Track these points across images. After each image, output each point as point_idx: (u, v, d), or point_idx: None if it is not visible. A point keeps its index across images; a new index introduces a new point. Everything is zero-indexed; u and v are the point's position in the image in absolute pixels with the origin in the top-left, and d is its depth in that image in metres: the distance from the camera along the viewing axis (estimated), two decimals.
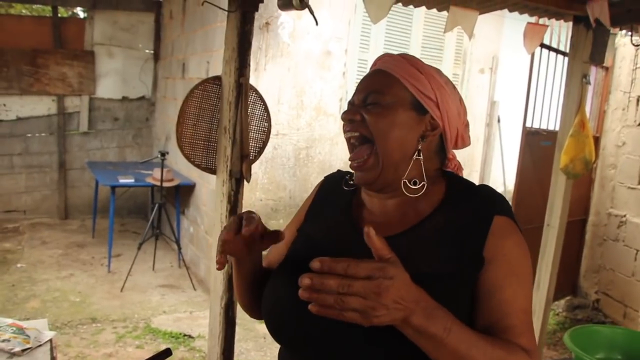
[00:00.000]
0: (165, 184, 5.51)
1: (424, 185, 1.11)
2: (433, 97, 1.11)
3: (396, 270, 0.83)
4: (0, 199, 7.01)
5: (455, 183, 1.15)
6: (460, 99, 1.17)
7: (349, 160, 1.15)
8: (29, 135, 7.05)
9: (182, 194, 6.00)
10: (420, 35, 5.75)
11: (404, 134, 1.09)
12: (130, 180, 5.74)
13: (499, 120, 6.58)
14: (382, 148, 1.09)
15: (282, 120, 4.86)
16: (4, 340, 2.20)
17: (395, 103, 1.10)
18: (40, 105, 7.03)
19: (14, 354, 2.13)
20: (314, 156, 5.11)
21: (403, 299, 0.83)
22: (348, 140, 1.15)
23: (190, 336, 4.21)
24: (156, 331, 4.25)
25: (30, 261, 5.69)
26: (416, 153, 1.10)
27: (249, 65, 2.28)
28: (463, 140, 1.19)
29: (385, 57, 1.17)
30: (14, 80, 6.76)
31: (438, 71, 1.16)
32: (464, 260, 1.02)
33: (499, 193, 1.11)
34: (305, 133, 5.03)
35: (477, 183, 1.15)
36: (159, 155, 5.27)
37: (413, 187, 1.11)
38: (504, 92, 6.53)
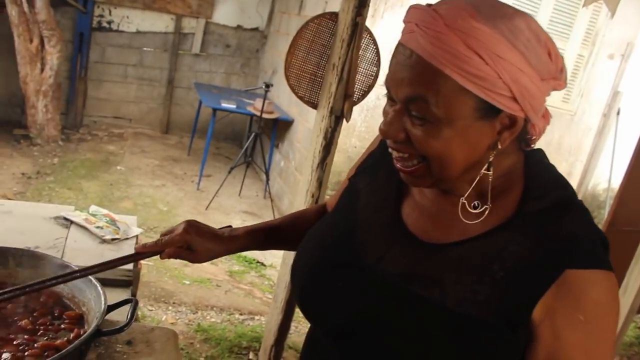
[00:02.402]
0: (265, 115, 5.61)
1: (485, 209, 0.86)
2: (507, 92, 0.78)
3: None
4: (111, 105, 7.40)
5: (537, 196, 0.86)
6: (550, 50, 0.81)
7: (393, 156, 0.89)
8: (145, 49, 7.33)
9: (280, 128, 6.09)
10: (550, 6, 5.41)
11: (467, 152, 0.82)
12: (232, 106, 5.88)
13: (618, 113, 6.16)
14: (439, 170, 0.84)
15: None
16: (98, 227, 2.36)
17: (452, 117, 0.79)
18: (159, 22, 7.27)
19: (104, 241, 2.28)
20: None
21: None
22: None
23: (262, 264, 4.34)
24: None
25: (129, 166, 6.02)
26: (485, 167, 0.84)
27: (368, 5, 2.23)
28: (555, 89, 0.86)
29: (421, 25, 0.79)
30: None
31: (508, 37, 0.77)
32: (506, 311, 0.82)
33: (590, 229, 0.84)
34: None
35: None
36: (263, 86, 5.35)
37: (473, 210, 0.87)
38: (631, 83, 6.06)
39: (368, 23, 2.40)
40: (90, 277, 1.14)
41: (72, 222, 2.35)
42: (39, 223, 2.30)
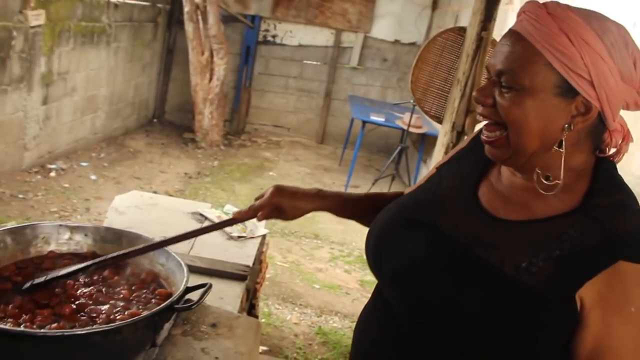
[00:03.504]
0: (412, 130, 5.64)
1: (557, 184, 0.93)
2: (586, 75, 0.87)
3: None
4: (271, 114, 7.90)
5: (601, 194, 0.93)
6: (636, 60, 0.91)
7: (483, 127, 1.01)
8: (306, 61, 7.74)
9: (428, 143, 6.07)
10: None
11: (543, 125, 0.91)
12: (380, 119, 5.99)
13: None
14: (514, 139, 0.93)
15: None
16: None
17: (535, 88, 0.89)
18: (320, 36, 7.63)
19: (231, 237, 2.48)
20: None
21: None
22: None
23: None
24: (366, 262, 4.49)
25: (281, 172, 6.38)
26: (557, 144, 0.92)
27: (495, 19, 2.19)
28: (638, 105, 0.94)
29: (527, 12, 0.92)
30: (302, 10, 7.42)
31: (597, 30, 0.87)
32: (555, 284, 0.89)
33: None
34: None
35: None
36: (412, 101, 5.38)
37: (545, 182, 0.95)
38: None
39: None
40: (181, 263, 1.28)
41: (206, 217, 2.59)
42: (178, 216, 2.57)
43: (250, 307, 2.54)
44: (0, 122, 4.52)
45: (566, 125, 0.90)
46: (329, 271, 4.22)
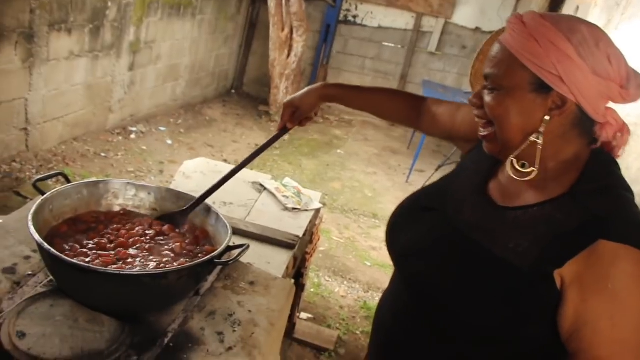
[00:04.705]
0: None
1: (533, 171, 1.03)
2: (554, 71, 0.96)
3: None
4: None
5: (588, 181, 1.02)
6: (610, 56, 0.97)
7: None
8: (384, 43, 7.79)
9: None
10: None
11: (523, 120, 1.01)
12: None
13: None
14: (499, 133, 1.05)
15: None
16: (284, 196, 2.74)
17: (513, 87, 1.00)
18: (401, 19, 7.64)
19: (286, 209, 2.65)
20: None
21: None
22: None
23: None
24: None
25: (348, 151, 6.51)
26: (535, 135, 1.01)
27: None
28: (623, 98, 1.00)
29: (509, 24, 1.04)
30: None
31: (564, 32, 0.96)
32: (539, 263, 0.98)
33: (630, 214, 0.98)
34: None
35: None
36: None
37: (521, 169, 1.06)
38: None
39: None
40: (227, 225, 1.45)
41: (265, 188, 2.77)
42: (240, 185, 2.76)
43: (298, 274, 2.71)
44: (91, 85, 4.88)
45: (546, 118, 1.00)
46: (382, 250, 4.34)
